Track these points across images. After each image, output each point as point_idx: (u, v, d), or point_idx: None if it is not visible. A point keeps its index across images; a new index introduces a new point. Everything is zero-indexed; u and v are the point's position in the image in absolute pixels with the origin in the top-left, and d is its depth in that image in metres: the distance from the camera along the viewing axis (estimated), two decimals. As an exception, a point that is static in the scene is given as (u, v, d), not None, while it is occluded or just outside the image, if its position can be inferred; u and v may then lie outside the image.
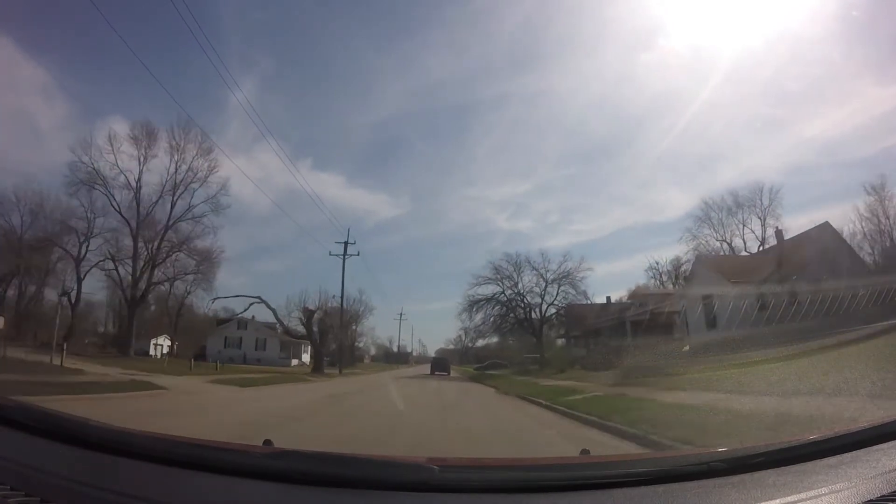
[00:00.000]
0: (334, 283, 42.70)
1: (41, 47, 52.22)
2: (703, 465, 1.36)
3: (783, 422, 5.99)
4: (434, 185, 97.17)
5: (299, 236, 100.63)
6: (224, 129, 63.50)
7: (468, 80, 76.54)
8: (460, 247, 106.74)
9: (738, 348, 17.76)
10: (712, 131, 60.49)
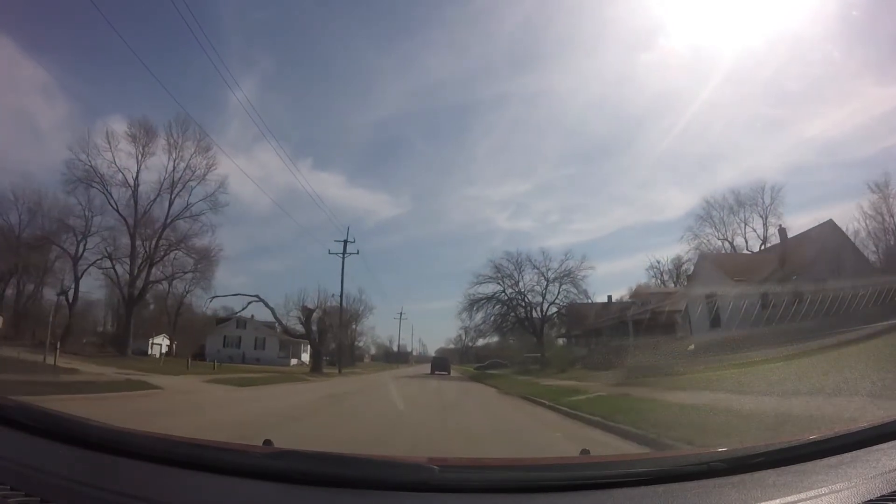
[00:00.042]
0: (334, 283, 42.95)
1: (41, 47, 52.38)
2: (703, 465, 1.37)
3: (783, 422, 5.97)
4: (434, 184, 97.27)
5: (299, 236, 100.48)
6: (224, 129, 63.69)
7: (468, 79, 76.62)
8: (460, 246, 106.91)
9: (742, 348, 17.69)
10: (712, 131, 60.63)
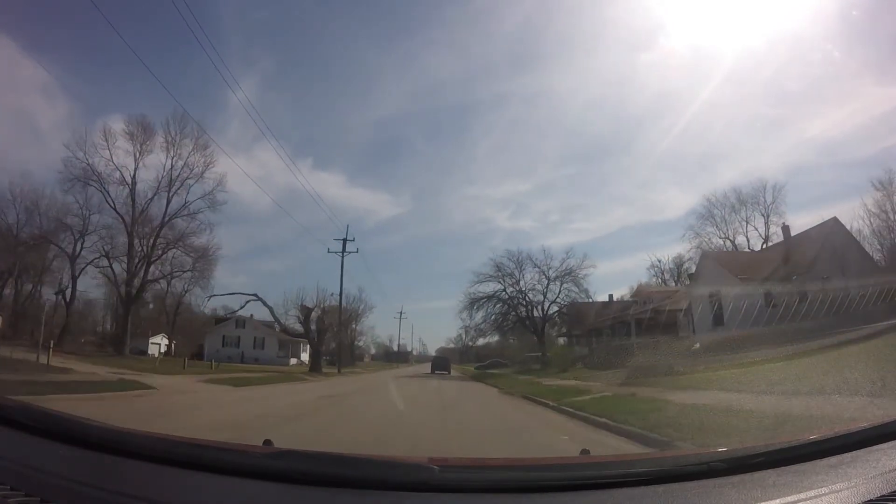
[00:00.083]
0: (335, 282, 42.92)
1: (41, 47, 52.07)
2: (703, 465, 1.38)
3: (808, 424, 5.79)
4: (434, 184, 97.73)
5: (300, 235, 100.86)
6: (225, 129, 64.07)
7: (468, 79, 77.08)
8: (461, 246, 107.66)
9: (746, 347, 17.62)
10: (713, 131, 61.06)
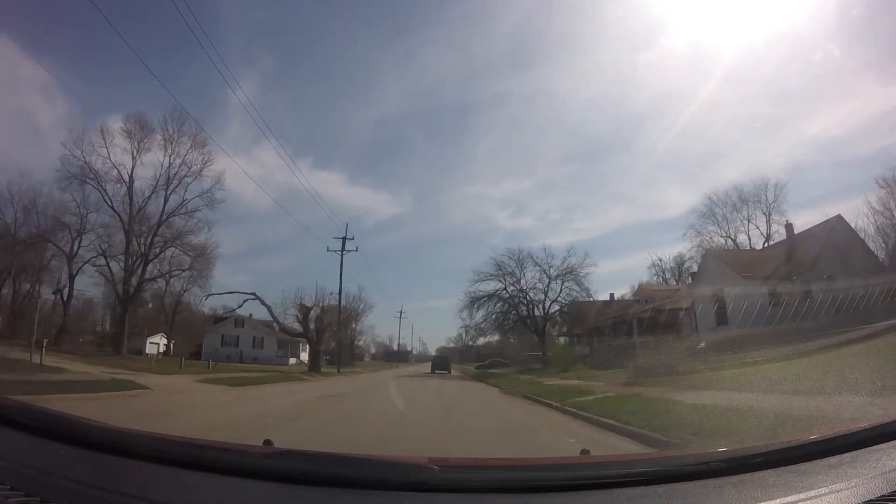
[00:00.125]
0: (335, 281, 42.95)
1: (41, 47, 52.54)
2: (703, 465, 1.39)
3: (802, 422, 5.77)
4: (435, 183, 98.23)
5: (300, 235, 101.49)
6: (225, 129, 64.64)
7: (468, 78, 77.26)
8: (461, 245, 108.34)
9: (751, 346, 17.50)
10: (713, 130, 61.36)
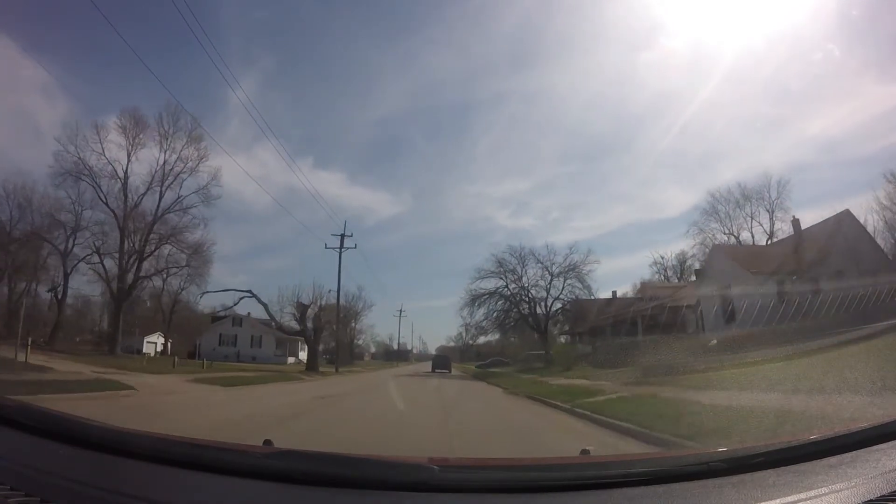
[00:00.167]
0: (335, 280, 43.02)
1: (41, 47, 52.93)
2: (703, 465, 1.41)
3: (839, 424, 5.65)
4: (435, 182, 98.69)
5: (300, 234, 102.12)
6: (225, 128, 64.93)
7: (468, 78, 77.32)
8: (461, 244, 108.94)
9: (762, 343, 17.21)
10: (713, 130, 61.47)
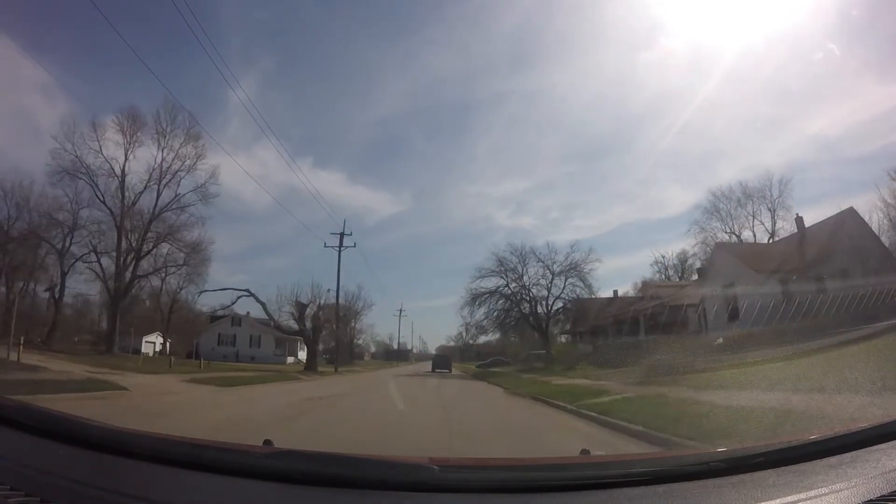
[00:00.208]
0: (334, 279, 42.98)
1: (41, 47, 52.90)
2: (703, 465, 1.42)
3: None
4: (435, 182, 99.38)
5: (300, 234, 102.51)
6: (225, 128, 65.39)
7: (468, 77, 77.73)
8: (461, 244, 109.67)
9: (767, 342, 17.12)
10: (713, 129, 61.82)
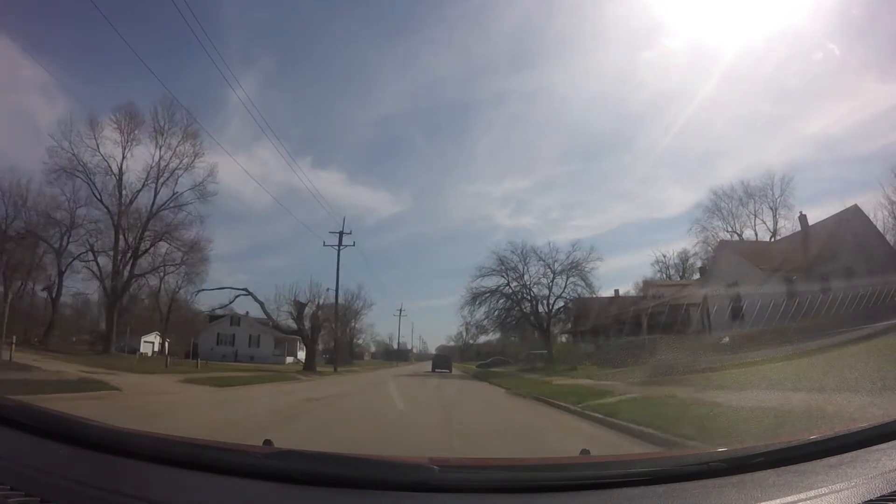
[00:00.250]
0: (334, 279, 43.04)
1: (41, 47, 53.35)
2: (703, 465, 1.43)
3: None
4: (435, 182, 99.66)
5: (300, 234, 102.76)
6: (225, 127, 65.57)
7: (468, 77, 77.96)
8: (461, 243, 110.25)
9: (773, 341, 17.03)
10: (713, 128, 61.94)
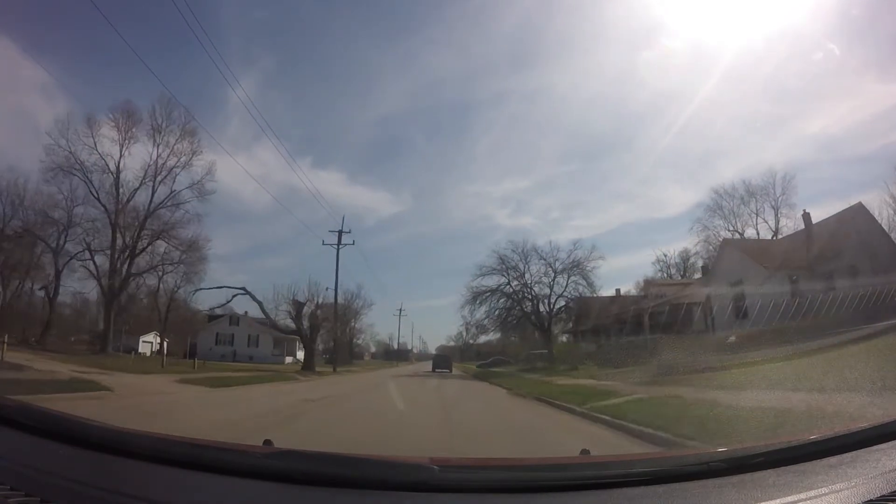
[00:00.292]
0: (333, 279, 43.08)
1: (41, 47, 53.53)
2: (703, 465, 1.44)
3: None
4: (435, 182, 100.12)
5: (300, 234, 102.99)
6: (225, 127, 66.22)
7: (469, 77, 78.29)
8: (461, 243, 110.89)
9: (777, 340, 17.00)
10: (713, 128, 62.52)
